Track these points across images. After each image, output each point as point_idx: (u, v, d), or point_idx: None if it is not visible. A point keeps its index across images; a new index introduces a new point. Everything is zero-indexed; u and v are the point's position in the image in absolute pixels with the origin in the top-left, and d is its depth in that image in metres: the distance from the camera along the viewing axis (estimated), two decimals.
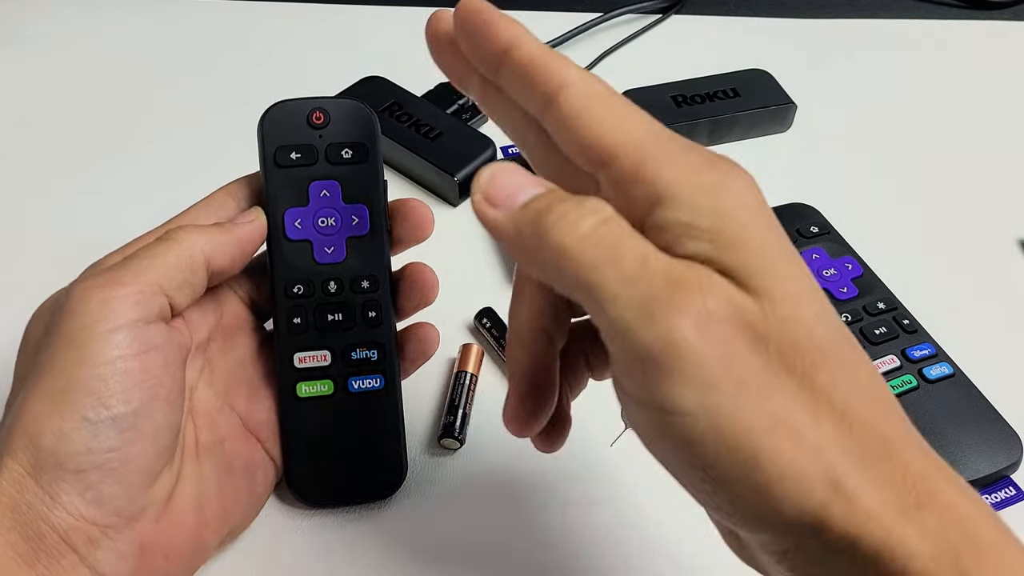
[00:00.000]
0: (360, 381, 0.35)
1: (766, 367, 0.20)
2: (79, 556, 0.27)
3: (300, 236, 0.34)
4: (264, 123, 0.34)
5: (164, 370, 0.30)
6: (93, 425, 0.27)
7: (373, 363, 0.35)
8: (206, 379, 0.34)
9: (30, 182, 0.51)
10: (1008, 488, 0.36)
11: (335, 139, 0.34)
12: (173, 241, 0.31)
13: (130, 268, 0.30)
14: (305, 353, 0.34)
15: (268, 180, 0.34)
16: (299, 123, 0.34)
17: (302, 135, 0.34)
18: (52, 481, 0.27)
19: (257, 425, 0.34)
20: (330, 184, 0.34)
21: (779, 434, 0.19)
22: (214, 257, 0.31)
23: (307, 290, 0.34)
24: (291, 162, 0.34)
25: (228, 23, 0.63)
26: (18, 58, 0.59)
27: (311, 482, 0.35)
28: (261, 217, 0.33)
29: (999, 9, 0.66)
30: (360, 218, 0.34)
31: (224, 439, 0.33)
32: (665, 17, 0.64)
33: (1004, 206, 0.51)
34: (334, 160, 0.34)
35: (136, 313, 0.29)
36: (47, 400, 0.27)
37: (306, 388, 0.34)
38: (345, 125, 0.34)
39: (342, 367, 0.34)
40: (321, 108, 0.34)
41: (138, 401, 0.28)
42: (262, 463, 0.34)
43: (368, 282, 0.35)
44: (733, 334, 0.20)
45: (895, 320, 0.41)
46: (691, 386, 0.19)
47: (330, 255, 0.34)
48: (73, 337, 0.28)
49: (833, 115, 0.56)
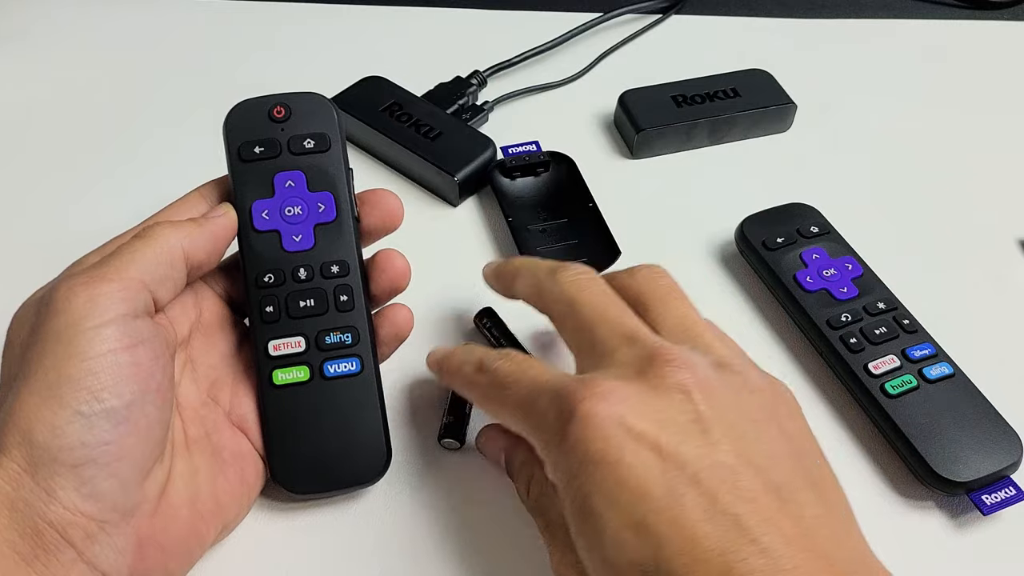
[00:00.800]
0: (336, 365, 0.35)
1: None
2: (77, 551, 0.27)
3: (268, 227, 0.35)
4: (228, 122, 0.35)
5: (154, 363, 0.30)
6: (86, 419, 0.27)
7: (348, 347, 0.35)
8: (189, 375, 0.34)
9: (22, 179, 0.51)
10: (1008, 488, 0.36)
11: (297, 131, 0.35)
12: (151, 237, 0.31)
13: (112, 265, 0.30)
14: (279, 340, 0.34)
15: (234, 175, 0.35)
16: (261, 119, 0.35)
17: (264, 130, 0.35)
18: (48, 476, 0.27)
19: (241, 418, 0.35)
20: (295, 175, 0.35)
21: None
22: (192, 252, 0.32)
23: (277, 279, 0.35)
24: (255, 156, 0.35)
25: (228, 23, 0.63)
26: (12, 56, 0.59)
27: (294, 471, 0.35)
28: (231, 211, 0.34)
29: (999, 9, 0.66)
30: (326, 205, 0.35)
31: (210, 433, 0.34)
32: (665, 17, 0.64)
33: (1004, 206, 0.51)
34: (297, 151, 0.35)
35: (123, 308, 0.29)
36: (38, 396, 0.27)
37: (282, 375, 0.34)
38: (306, 117, 0.35)
39: (317, 352, 0.35)
40: (282, 103, 0.35)
41: (130, 394, 0.28)
42: (250, 455, 0.34)
43: (338, 267, 0.35)
44: None
45: (895, 320, 0.41)
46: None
47: (298, 243, 0.35)
48: (61, 334, 0.28)
49: (833, 115, 0.56)
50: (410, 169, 0.51)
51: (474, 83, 0.55)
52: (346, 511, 0.36)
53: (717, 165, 0.53)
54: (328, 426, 0.35)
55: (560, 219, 0.48)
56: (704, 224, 0.48)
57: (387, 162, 0.52)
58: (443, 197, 0.50)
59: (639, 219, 0.49)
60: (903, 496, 0.37)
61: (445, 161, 0.49)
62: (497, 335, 0.42)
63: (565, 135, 0.54)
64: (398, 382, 0.40)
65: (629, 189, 0.51)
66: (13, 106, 0.55)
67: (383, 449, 0.35)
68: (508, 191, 0.49)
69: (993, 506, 0.35)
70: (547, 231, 0.47)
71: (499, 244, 0.48)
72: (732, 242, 0.47)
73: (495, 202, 0.49)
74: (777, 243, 0.44)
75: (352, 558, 0.35)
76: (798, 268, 0.43)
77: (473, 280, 0.46)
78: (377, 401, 0.35)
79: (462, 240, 0.48)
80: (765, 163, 0.53)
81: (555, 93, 0.58)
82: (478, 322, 0.43)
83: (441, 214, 0.49)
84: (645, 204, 0.50)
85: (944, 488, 0.36)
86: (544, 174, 0.50)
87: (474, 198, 0.50)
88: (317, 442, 0.34)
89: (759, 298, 0.45)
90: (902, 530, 0.36)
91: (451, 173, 0.48)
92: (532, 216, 0.48)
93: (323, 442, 0.34)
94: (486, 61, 0.57)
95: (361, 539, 0.35)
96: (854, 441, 0.39)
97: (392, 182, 0.51)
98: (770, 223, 0.46)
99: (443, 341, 0.42)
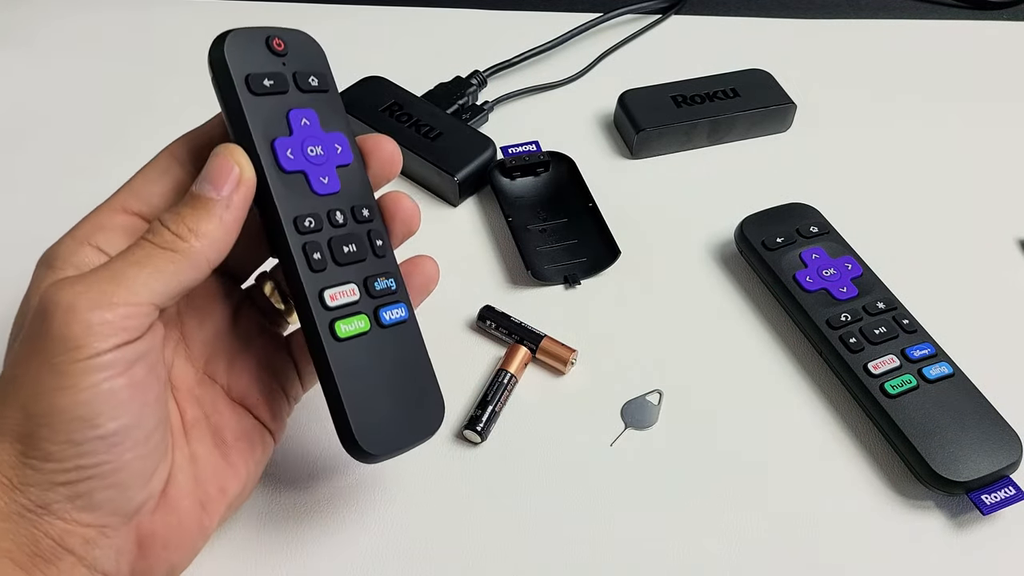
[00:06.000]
0: (389, 312, 0.32)
1: None
2: (77, 557, 0.27)
3: (295, 167, 0.31)
4: (226, 50, 0.30)
5: (150, 374, 0.28)
6: (79, 445, 0.26)
7: (393, 293, 0.33)
8: (182, 354, 0.33)
9: (22, 179, 0.51)
10: (1008, 488, 0.36)
11: (299, 67, 0.32)
12: (182, 254, 0.28)
13: (122, 284, 0.27)
14: (334, 290, 0.31)
15: (246, 109, 0.30)
16: (260, 50, 0.32)
17: (269, 63, 0.32)
18: (41, 493, 0.26)
19: (241, 393, 0.33)
20: (308, 112, 0.32)
21: None
22: (216, 259, 0.29)
23: (316, 223, 0.31)
24: (266, 89, 0.31)
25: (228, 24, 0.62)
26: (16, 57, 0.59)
27: (375, 432, 0.31)
28: (244, 166, 0.30)
29: (999, 9, 0.66)
30: (342, 147, 0.33)
31: (209, 414, 0.32)
32: (665, 17, 0.64)
33: (1004, 206, 0.51)
34: (304, 88, 0.32)
35: (124, 336, 0.27)
36: (31, 422, 0.26)
37: (345, 327, 0.31)
38: (302, 54, 0.33)
39: (369, 300, 0.32)
40: (278, 35, 0.32)
41: (128, 416, 0.27)
42: (256, 430, 0.33)
43: (368, 210, 0.33)
44: None
45: (895, 320, 0.41)
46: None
47: (326, 185, 0.32)
48: (55, 364, 0.26)
49: (833, 115, 0.56)
50: (410, 169, 0.51)
51: (474, 83, 0.55)
52: (350, 508, 0.36)
53: (717, 165, 0.53)
54: (395, 379, 0.32)
55: (560, 219, 0.48)
56: (704, 224, 0.48)
57: None
58: (443, 197, 0.50)
59: (639, 219, 0.49)
60: (903, 496, 0.37)
61: (445, 161, 0.49)
62: (505, 331, 0.42)
63: (565, 135, 0.54)
64: None
65: (629, 189, 0.51)
66: (13, 106, 0.55)
67: (440, 397, 0.33)
68: (508, 191, 0.49)
69: (993, 506, 0.35)
70: (547, 231, 0.47)
71: (499, 244, 0.48)
72: (732, 242, 0.47)
73: (495, 202, 0.49)
74: (777, 243, 0.44)
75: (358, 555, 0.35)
76: (798, 268, 0.43)
77: (473, 279, 0.46)
78: (424, 349, 0.33)
79: (462, 240, 0.48)
80: (765, 163, 0.53)
81: (555, 93, 0.58)
82: (481, 325, 0.43)
83: (441, 214, 0.49)
84: (645, 204, 0.50)
85: (944, 488, 0.36)
86: (544, 174, 0.50)
87: (474, 198, 0.50)
88: (389, 397, 0.32)
89: (759, 298, 0.45)
90: (902, 530, 0.36)
91: (451, 173, 0.48)
92: (532, 216, 0.48)
93: (393, 397, 0.32)
94: (486, 61, 0.57)
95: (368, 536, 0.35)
96: (854, 441, 0.39)
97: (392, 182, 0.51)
98: (770, 223, 0.46)
99: (443, 341, 0.42)
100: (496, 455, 0.38)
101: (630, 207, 0.49)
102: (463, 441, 0.38)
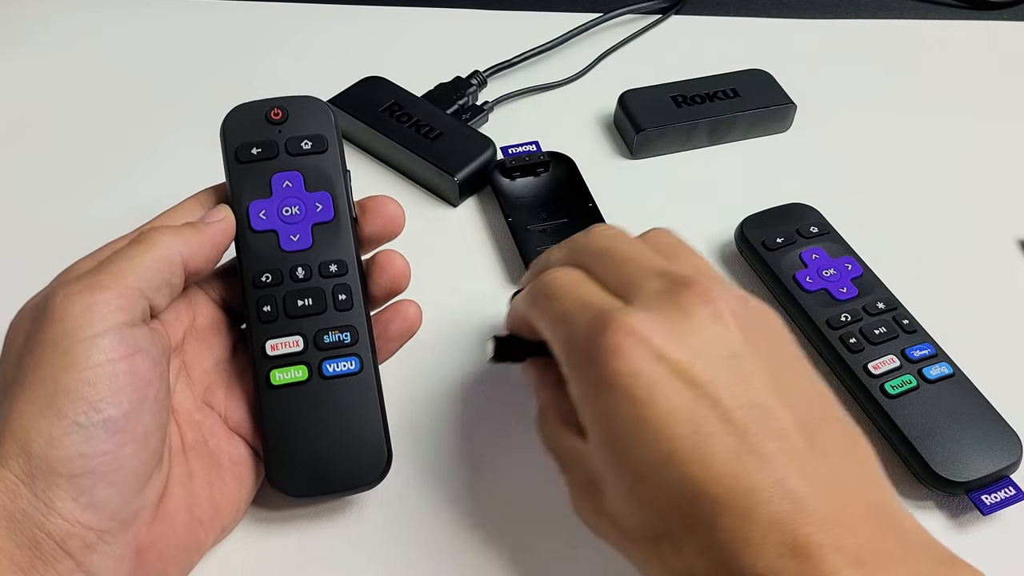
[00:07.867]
0: (335, 364, 0.34)
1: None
2: (75, 562, 0.27)
3: (265, 227, 0.35)
4: (225, 126, 0.35)
5: (151, 371, 0.30)
6: (84, 429, 0.27)
7: (347, 346, 0.34)
8: (184, 380, 0.34)
9: (22, 180, 0.51)
10: (1008, 488, 0.36)
11: (294, 133, 0.35)
12: (148, 243, 0.31)
13: (109, 272, 0.30)
14: (276, 340, 0.34)
15: (231, 176, 0.35)
16: (258, 121, 0.35)
17: (262, 132, 0.35)
18: (46, 487, 0.27)
19: (237, 422, 0.35)
20: (292, 175, 0.35)
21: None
22: (190, 257, 0.32)
23: (275, 278, 0.34)
24: (252, 157, 0.35)
25: (227, 24, 0.63)
26: (16, 58, 0.59)
27: (293, 473, 0.34)
28: (229, 214, 0.34)
29: (999, 9, 0.66)
30: (324, 205, 0.35)
31: (207, 438, 0.34)
32: (665, 17, 0.64)
33: (1004, 206, 0.51)
34: (294, 152, 0.35)
35: (120, 317, 0.29)
36: (35, 407, 0.27)
37: (280, 375, 0.34)
38: (303, 119, 0.36)
39: (315, 352, 0.34)
40: (279, 105, 0.36)
41: (128, 404, 0.28)
42: (248, 458, 0.34)
43: (336, 266, 0.35)
44: None
45: (895, 320, 0.41)
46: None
47: (296, 243, 0.35)
48: (58, 343, 0.28)
49: (833, 115, 0.57)
50: (410, 169, 0.51)
51: (474, 83, 0.55)
52: (343, 515, 0.36)
53: (717, 165, 0.53)
54: (327, 427, 0.34)
55: (560, 219, 0.48)
56: (704, 224, 0.48)
57: (387, 162, 0.52)
58: (443, 197, 0.50)
59: (639, 219, 0.48)
60: (903, 496, 0.37)
61: (445, 161, 0.49)
62: (519, 354, 0.35)
63: (565, 135, 0.54)
64: (399, 382, 0.40)
65: (629, 189, 0.51)
66: (13, 107, 0.55)
67: (384, 451, 0.34)
68: (508, 191, 0.49)
69: (993, 506, 0.35)
70: (547, 231, 0.47)
71: (499, 244, 0.48)
72: (732, 242, 0.47)
73: (495, 202, 0.49)
74: (777, 243, 0.44)
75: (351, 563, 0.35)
76: (798, 268, 0.43)
77: (473, 280, 0.46)
78: (377, 401, 0.35)
79: (462, 240, 0.48)
80: (765, 163, 0.53)
81: (555, 93, 0.58)
82: (498, 359, 0.35)
83: (441, 214, 0.49)
84: (645, 204, 0.50)
85: (944, 488, 0.36)
86: (544, 174, 0.50)
87: (474, 198, 0.50)
88: (316, 443, 0.34)
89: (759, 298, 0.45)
90: None
91: (451, 173, 0.48)
92: (532, 216, 0.48)
93: (322, 443, 0.34)
94: (486, 61, 0.57)
95: (360, 544, 0.35)
96: None
97: (392, 182, 0.51)
98: (770, 223, 0.46)
99: (442, 341, 0.42)
100: (497, 454, 0.38)
101: (630, 207, 0.49)
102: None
